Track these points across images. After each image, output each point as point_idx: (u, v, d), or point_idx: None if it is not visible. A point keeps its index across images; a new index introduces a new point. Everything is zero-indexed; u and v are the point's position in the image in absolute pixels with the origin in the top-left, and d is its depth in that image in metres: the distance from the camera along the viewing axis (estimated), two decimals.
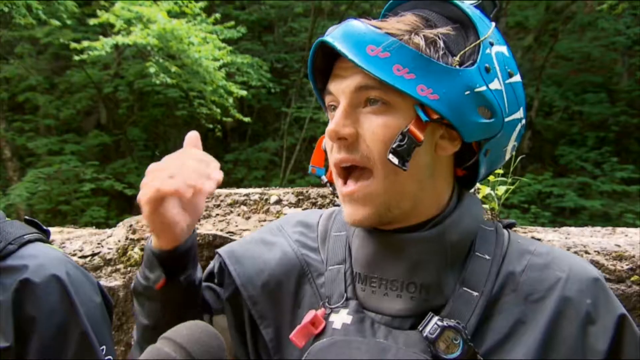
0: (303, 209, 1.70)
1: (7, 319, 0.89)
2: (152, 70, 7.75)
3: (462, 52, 0.73)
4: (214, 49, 8.11)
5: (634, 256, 1.39)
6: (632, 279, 1.37)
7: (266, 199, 1.74)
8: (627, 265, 1.38)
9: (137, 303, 0.87)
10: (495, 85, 0.73)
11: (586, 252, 1.42)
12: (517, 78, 0.78)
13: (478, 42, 0.73)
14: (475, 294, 0.74)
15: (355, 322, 0.76)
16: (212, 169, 0.77)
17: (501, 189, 1.93)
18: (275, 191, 1.77)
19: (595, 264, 1.39)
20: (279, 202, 1.74)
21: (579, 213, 8.72)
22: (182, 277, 0.82)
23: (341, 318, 0.77)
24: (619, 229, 1.68)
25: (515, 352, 0.71)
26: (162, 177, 0.73)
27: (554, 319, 0.72)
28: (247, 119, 9.06)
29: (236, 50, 9.57)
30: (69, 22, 8.35)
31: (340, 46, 0.71)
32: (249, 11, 11.93)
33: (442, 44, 0.72)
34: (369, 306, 0.77)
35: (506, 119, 0.75)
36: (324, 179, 0.89)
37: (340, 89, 0.74)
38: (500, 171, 1.96)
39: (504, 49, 0.78)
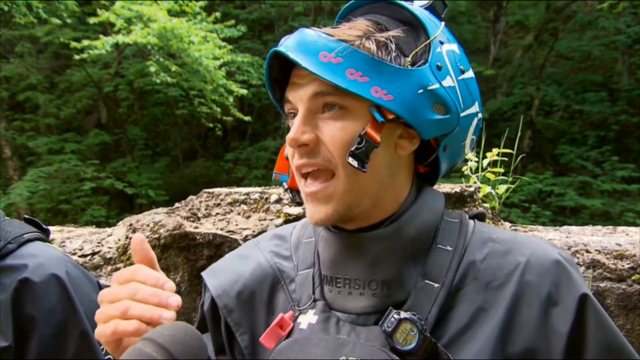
0: (303, 209, 1.70)
1: (6, 318, 0.89)
2: (152, 69, 7.77)
3: (413, 53, 0.75)
4: (214, 47, 8.13)
5: (634, 255, 1.39)
6: (633, 277, 1.37)
7: (266, 198, 1.74)
8: (628, 264, 1.38)
9: None
10: (448, 82, 0.76)
11: (587, 251, 1.42)
12: (469, 74, 0.81)
13: (428, 41, 0.76)
14: (436, 285, 0.75)
15: (321, 322, 0.78)
16: (168, 295, 0.70)
17: (502, 188, 1.93)
18: (276, 190, 1.77)
19: (597, 262, 1.39)
20: (279, 201, 1.73)
21: (579, 212, 8.73)
22: None
23: (308, 319, 0.79)
24: (619, 228, 1.68)
25: (477, 339, 0.72)
26: (116, 314, 0.68)
27: (513, 304, 0.73)
28: (247, 118, 9.07)
29: (236, 49, 9.58)
30: (69, 21, 8.37)
31: (293, 55, 0.73)
32: (249, 10, 11.94)
33: (393, 47, 0.74)
34: (336, 306, 0.79)
35: (462, 114, 0.78)
36: (285, 185, 0.92)
37: (298, 96, 0.76)
38: (501, 170, 1.96)
39: (454, 46, 0.80)
